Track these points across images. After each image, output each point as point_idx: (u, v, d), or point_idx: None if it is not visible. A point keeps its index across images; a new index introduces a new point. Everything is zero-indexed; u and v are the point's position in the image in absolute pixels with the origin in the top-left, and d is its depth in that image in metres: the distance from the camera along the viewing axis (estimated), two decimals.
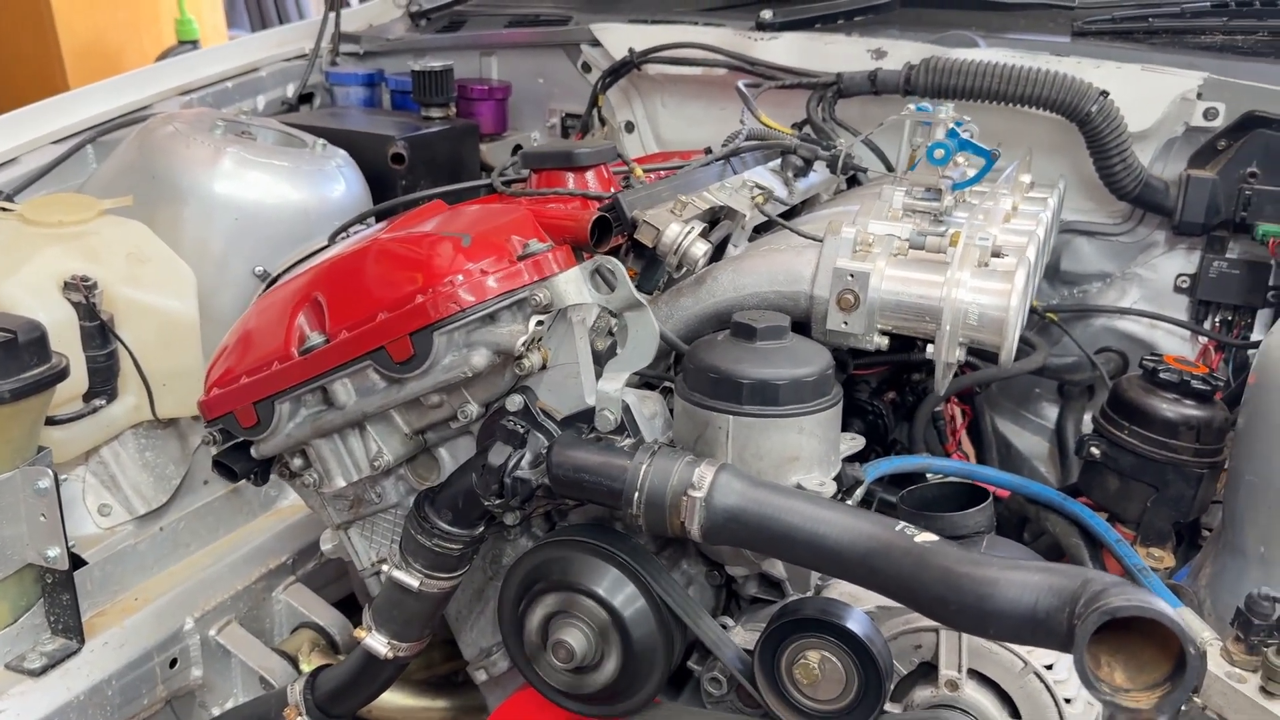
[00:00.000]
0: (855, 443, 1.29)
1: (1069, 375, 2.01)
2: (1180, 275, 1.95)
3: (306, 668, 1.63)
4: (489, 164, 2.32)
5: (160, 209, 1.70)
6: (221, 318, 1.69)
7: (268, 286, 1.72)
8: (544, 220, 1.27)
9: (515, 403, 1.20)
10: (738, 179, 1.48)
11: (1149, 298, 2.00)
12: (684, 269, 1.28)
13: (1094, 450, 1.56)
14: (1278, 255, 1.80)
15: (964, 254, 1.23)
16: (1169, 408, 1.50)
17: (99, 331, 1.48)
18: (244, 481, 1.69)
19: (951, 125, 1.55)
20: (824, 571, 1.10)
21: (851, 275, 1.23)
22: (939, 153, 1.46)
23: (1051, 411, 2.12)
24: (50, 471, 1.36)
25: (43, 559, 1.39)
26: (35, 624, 1.44)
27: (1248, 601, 1.15)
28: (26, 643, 1.43)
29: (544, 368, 1.20)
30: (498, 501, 1.17)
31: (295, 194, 1.77)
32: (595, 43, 2.27)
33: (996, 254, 1.27)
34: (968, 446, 1.99)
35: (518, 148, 2.41)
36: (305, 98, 2.45)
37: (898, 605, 1.18)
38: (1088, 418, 2.04)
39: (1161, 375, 1.51)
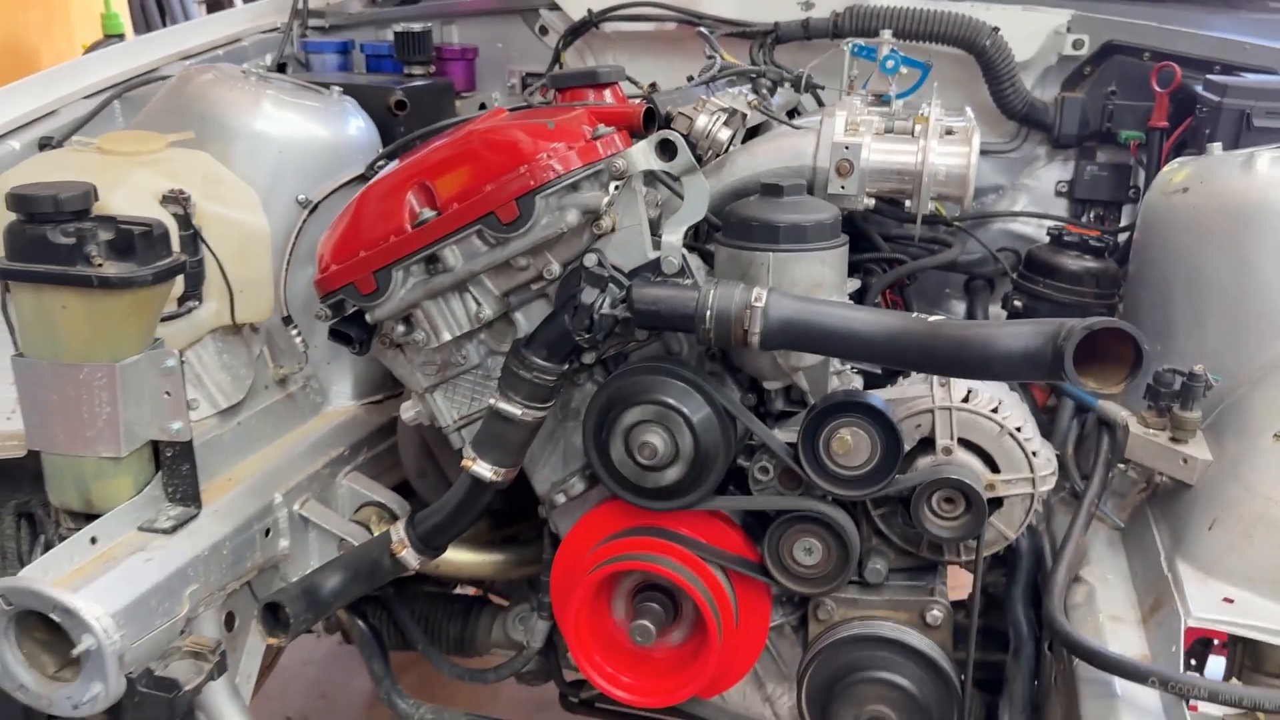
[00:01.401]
0: (853, 283, 1.63)
1: (977, 269, 2.41)
2: (1059, 181, 2.37)
3: (378, 533, 1.87)
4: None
5: (209, 147, 1.89)
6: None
7: (310, 212, 1.96)
8: (598, 115, 1.57)
9: (592, 259, 1.49)
10: (733, 90, 1.80)
11: (1035, 202, 2.42)
12: (710, 151, 1.60)
13: (1016, 303, 1.96)
14: (1138, 155, 2.24)
15: (927, 130, 1.59)
16: (1074, 262, 1.91)
17: (192, 240, 1.69)
18: (300, 386, 1.94)
19: (893, 46, 1.93)
20: (859, 359, 1.44)
21: (847, 147, 1.57)
22: (890, 63, 1.83)
23: (959, 306, 2.52)
24: (175, 351, 1.57)
25: (167, 433, 1.59)
26: (154, 495, 1.64)
27: (1155, 375, 1.54)
28: (150, 511, 1.62)
29: (612, 230, 1.50)
30: (586, 336, 1.46)
31: (324, 131, 2.00)
32: (552, 7, 2.57)
33: (949, 132, 1.63)
34: None
35: (483, 105, 2.69)
36: (279, 68, 2.65)
37: (901, 398, 1.53)
38: (993, 308, 2.45)
39: (1066, 239, 1.92)
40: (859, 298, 2.20)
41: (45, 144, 1.95)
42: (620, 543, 1.58)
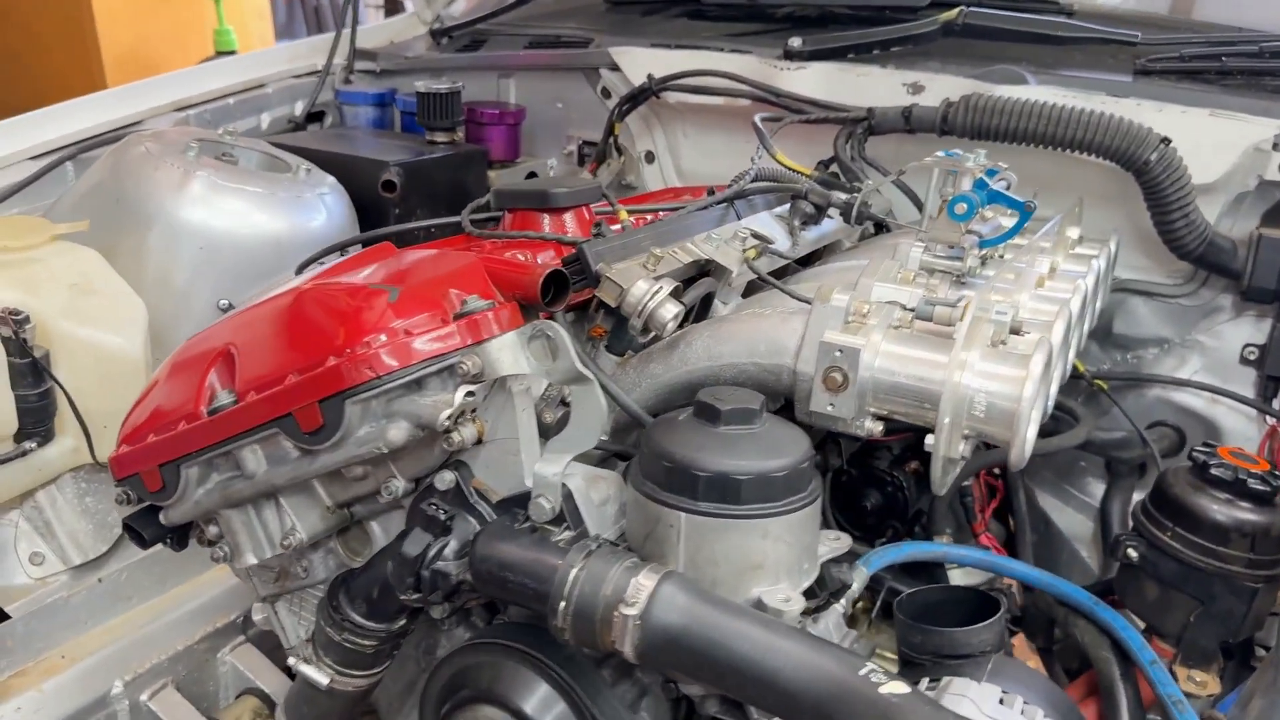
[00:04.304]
0: (839, 544, 1.11)
1: (1116, 452, 1.80)
2: (1248, 346, 1.74)
3: None
4: None
5: (125, 235, 1.59)
6: None
7: None
8: (496, 271, 1.12)
9: (446, 480, 1.06)
10: (729, 228, 1.31)
11: (1211, 368, 1.78)
12: (651, 333, 1.12)
13: (1131, 552, 1.36)
14: None
15: (972, 330, 1.05)
16: (1220, 509, 1.30)
17: (31, 369, 1.37)
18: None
19: (980, 175, 1.37)
20: (774, 715, 0.93)
21: (840, 351, 1.05)
22: (961, 207, 1.29)
23: (1098, 488, 1.91)
24: None
25: None
26: None
27: None
28: None
29: (479, 442, 1.05)
30: (414, 596, 1.03)
31: (268, 222, 1.65)
32: (615, 67, 2.12)
33: (1016, 331, 1.09)
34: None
35: (531, 175, 2.28)
36: (316, 116, 2.34)
37: None
38: (1137, 498, 1.83)
39: (1213, 471, 1.31)
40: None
41: None
42: None
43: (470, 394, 1.01)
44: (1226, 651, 1.39)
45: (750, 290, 1.34)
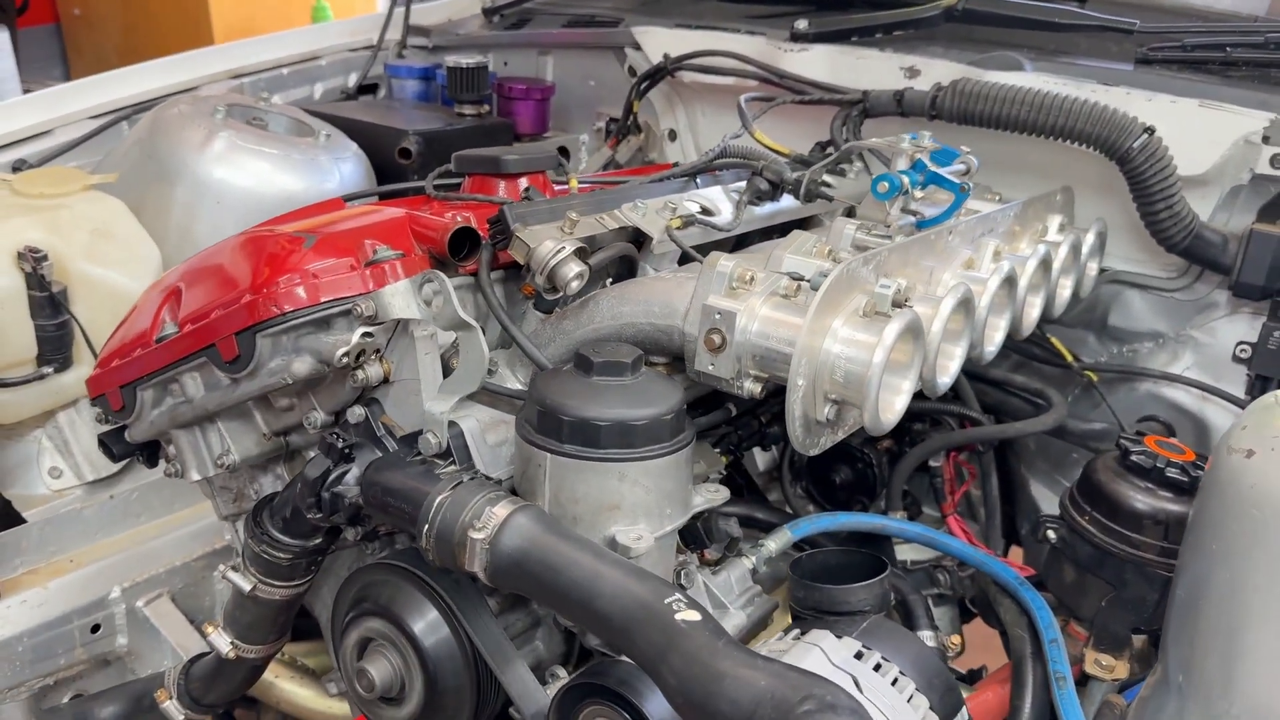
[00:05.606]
0: (717, 495, 1.17)
1: (1096, 443, 1.79)
2: (1241, 344, 1.70)
3: None
4: None
5: (154, 189, 1.75)
6: None
7: None
8: (419, 228, 1.22)
9: (356, 414, 1.17)
10: (659, 199, 1.38)
11: (1204, 365, 1.76)
12: (559, 291, 1.20)
13: (1050, 534, 1.38)
14: None
15: (843, 299, 1.10)
16: (1138, 497, 1.30)
17: (49, 302, 1.54)
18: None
19: (919, 156, 1.40)
20: (596, 635, 1.01)
21: (719, 314, 1.11)
22: (883, 186, 1.33)
23: None
24: None
25: None
26: None
27: None
28: None
29: (386, 381, 1.16)
30: (317, 515, 1.14)
31: (284, 182, 1.79)
32: (636, 47, 2.20)
33: (899, 304, 1.12)
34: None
35: (562, 149, 2.38)
36: (370, 88, 2.48)
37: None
38: None
39: (1134, 458, 1.31)
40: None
41: (18, 168, 1.88)
42: None
43: (368, 334, 1.11)
44: (1155, 639, 1.39)
45: (685, 260, 1.41)
